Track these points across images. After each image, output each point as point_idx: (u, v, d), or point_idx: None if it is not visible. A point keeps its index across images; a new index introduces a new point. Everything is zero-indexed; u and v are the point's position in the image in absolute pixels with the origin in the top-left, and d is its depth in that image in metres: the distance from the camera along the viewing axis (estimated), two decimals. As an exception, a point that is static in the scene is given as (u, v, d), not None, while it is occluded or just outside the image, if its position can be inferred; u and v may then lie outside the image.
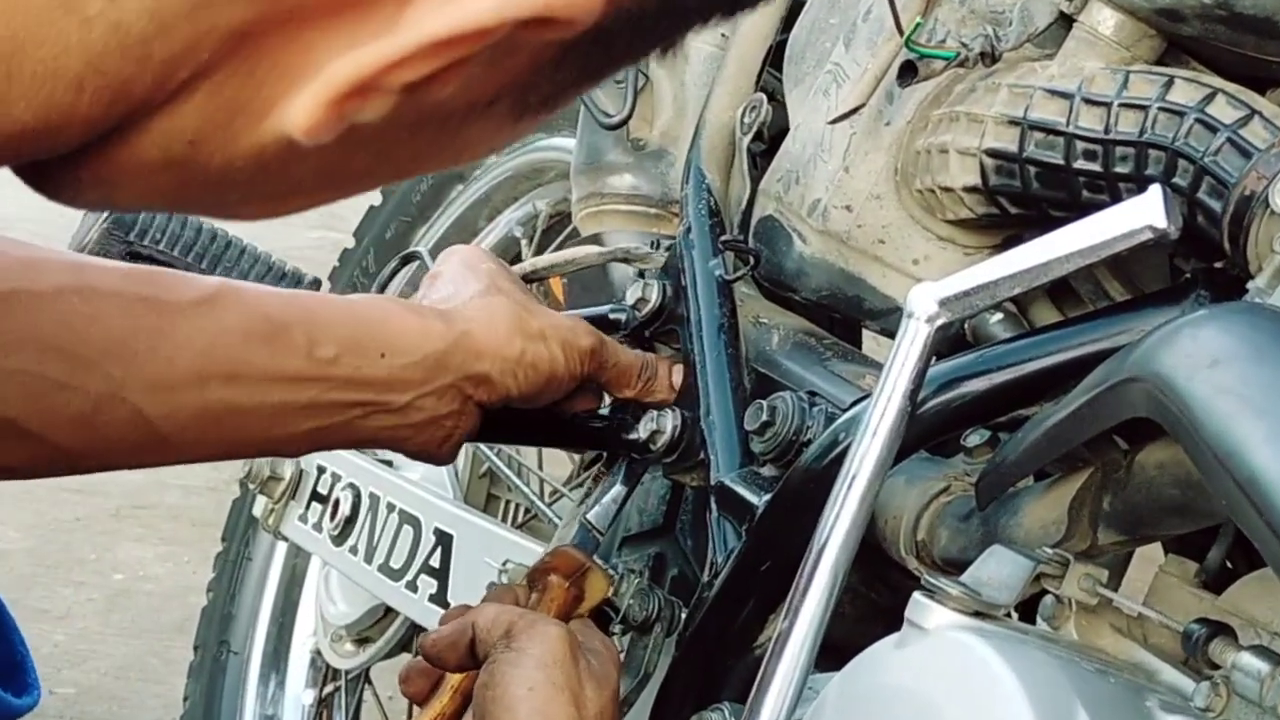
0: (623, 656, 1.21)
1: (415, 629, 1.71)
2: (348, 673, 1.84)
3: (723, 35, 1.42)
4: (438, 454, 1.17)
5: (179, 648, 2.36)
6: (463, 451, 1.65)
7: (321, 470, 1.63)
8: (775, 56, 1.36)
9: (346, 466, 1.59)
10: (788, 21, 1.36)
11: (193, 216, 1.28)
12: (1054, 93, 1.07)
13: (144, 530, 2.74)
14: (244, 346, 1.08)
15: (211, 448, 1.08)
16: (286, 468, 1.64)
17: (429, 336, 1.15)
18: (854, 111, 1.17)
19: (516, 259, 1.88)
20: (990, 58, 1.11)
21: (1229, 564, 0.97)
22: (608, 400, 1.26)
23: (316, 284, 1.24)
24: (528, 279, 1.31)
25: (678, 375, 1.23)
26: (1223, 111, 1.00)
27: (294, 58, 0.52)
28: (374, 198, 2.01)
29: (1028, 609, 0.94)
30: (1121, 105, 1.03)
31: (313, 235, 4.07)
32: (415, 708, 1.09)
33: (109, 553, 2.68)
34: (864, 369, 1.21)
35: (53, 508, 2.74)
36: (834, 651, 1.11)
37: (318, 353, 1.10)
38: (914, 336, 0.94)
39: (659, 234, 1.43)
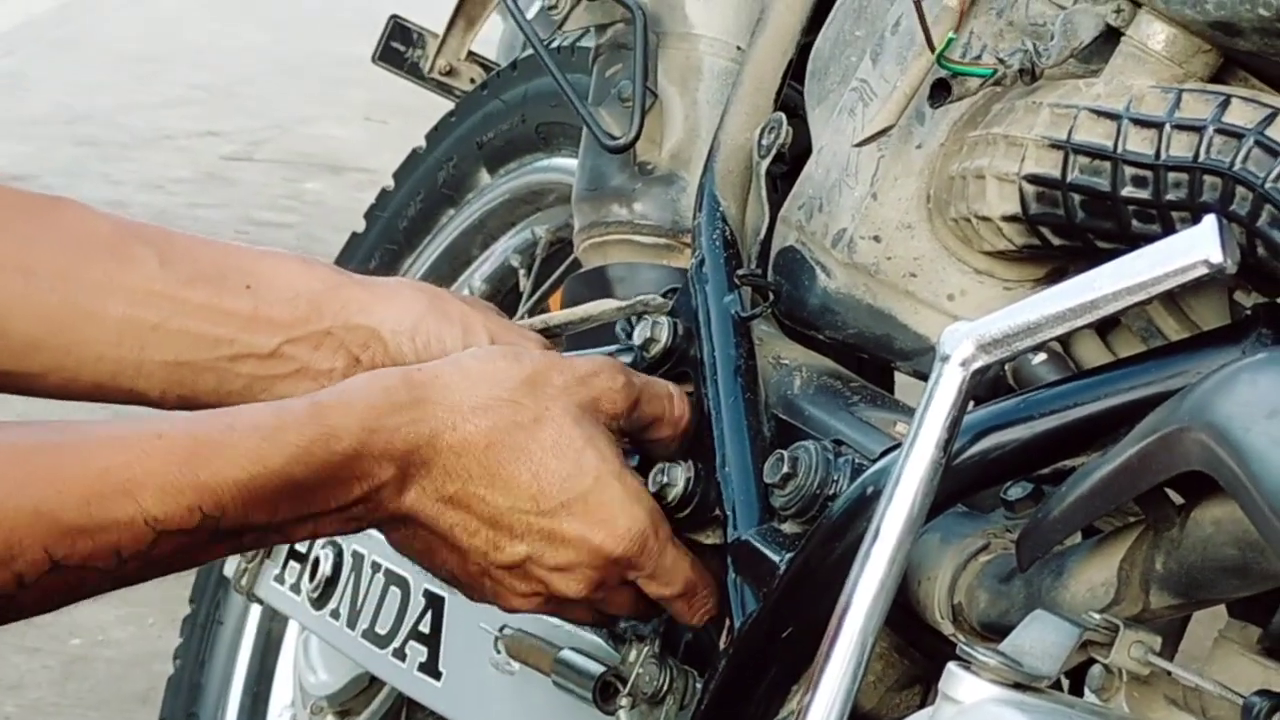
0: (631, 734, 1.22)
1: (403, 700, 1.72)
2: (329, 748, 1.84)
3: (738, 48, 1.44)
4: None
5: (142, 720, 2.37)
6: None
7: (300, 526, 1.64)
8: (796, 71, 1.37)
9: (328, 522, 1.61)
10: (809, 32, 1.37)
11: None
12: (1100, 113, 1.08)
13: (104, 590, 2.75)
14: (81, 248, 1.09)
15: (52, 352, 1.09)
16: (261, 523, 1.66)
17: (306, 278, 1.13)
18: (882, 133, 1.18)
19: (514, 290, 1.90)
20: (1030, 75, 1.12)
21: (1296, 629, 0.98)
22: None
23: None
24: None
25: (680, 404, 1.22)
26: (1284, 133, 1.01)
27: None
28: (358, 224, 2.03)
29: (1074, 680, 0.95)
30: (1174, 127, 1.04)
31: (289, 261, 4.08)
32: None
33: (65, 615, 2.67)
34: (895, 415, 1.22)
35: (3, 565, 2.75)
36: (864, 726, 1.12)
37: (170, 271, 1.10)
38: (949, 380, 0.95)
39: (668, 265, 1.44)
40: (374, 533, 1.55)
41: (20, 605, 0.95)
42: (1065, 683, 0.98)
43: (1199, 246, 0.89)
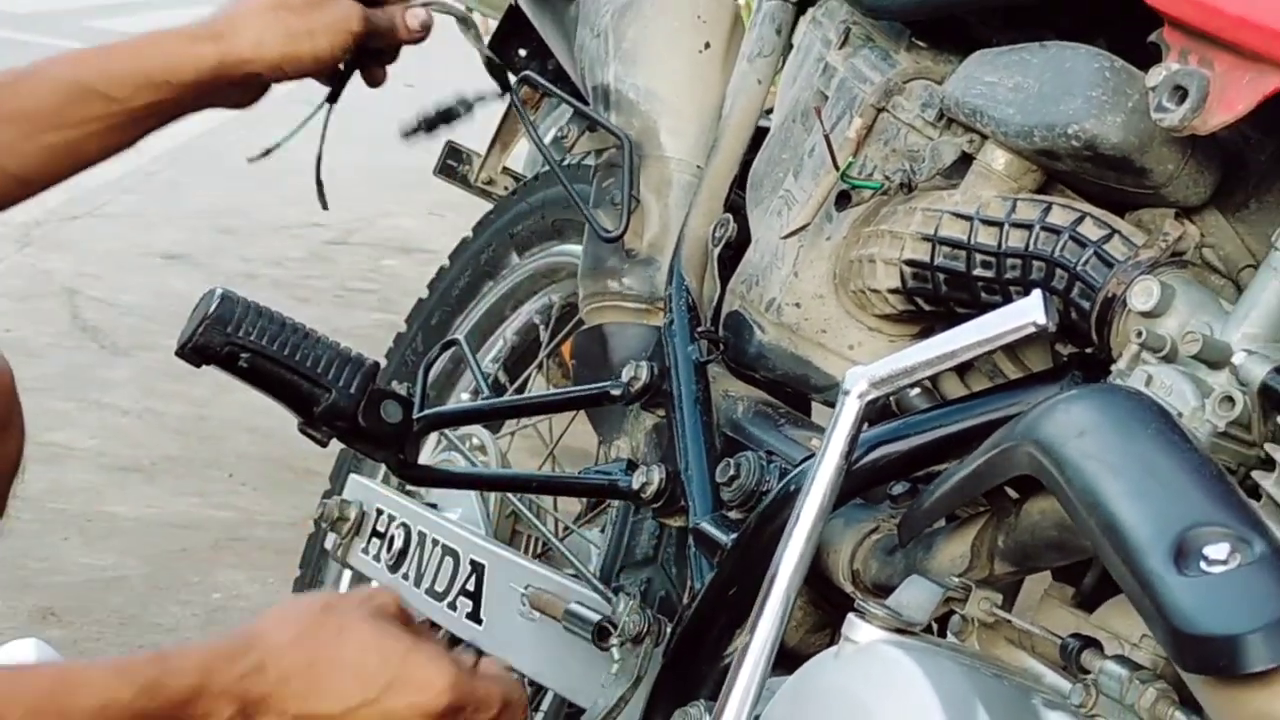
0: (621, 664, 1.22)
1: (454, 639, 1.72)
2: (401, 674, 1.84)
3: (698, 166, 1.44)
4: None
5: (265, 654, 2.35)
6: (493, 496, 1.67)
7: (380, 512, 1.64)
8: (740, 182, 1.38)
9: (400, 510, 1.61)
10: (749, 154, 1.38)
11: (275, 311, 1.29)
12: (958, 215, 1.08)
13: (238, 558, 2.74)
14: (61, 100, 1.24)
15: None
16: (351, 510, 1.65)
17: (201, 59, 1.27)
18: (801, 229, 1.18)
19: (535, 340, 1.89)
20: (908, 187, 1.12)
21: (1101, 588, 0.99)
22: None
23: (376, 367, 1.24)
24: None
25: (413, 19, 1.35)
26: (1090, 230, 1.01)
27: None
28: (422, 291, 2.02)
29: (940, 626, 0.96)
30: (1011, 225, 1.05)
31: (373, 317, 4.07)
32: None
33: (209, 576, 2.68)
34: (811, 433, 1.22)
35: (164, 540, 2.74)
36: (788, 658, 1.11)
37: (115, 95, 1.25)
38: (849, 408, 0.95)
39: (647, 324, 1.44)
40: (434, 517, 1.57)
41: None
42: (931, 630, 0.98)
43: (1029, 312, 0.89)
